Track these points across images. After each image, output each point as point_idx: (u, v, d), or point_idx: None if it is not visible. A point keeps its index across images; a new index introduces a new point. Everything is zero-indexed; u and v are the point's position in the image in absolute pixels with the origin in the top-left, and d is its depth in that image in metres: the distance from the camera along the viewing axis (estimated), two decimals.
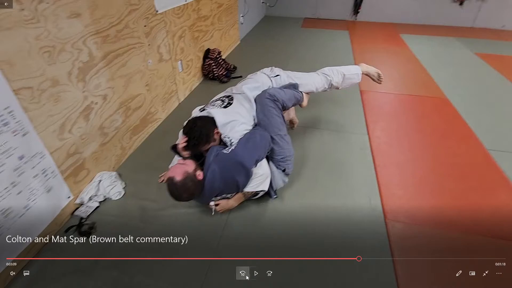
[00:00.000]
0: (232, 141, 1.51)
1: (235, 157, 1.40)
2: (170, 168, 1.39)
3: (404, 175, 1.85)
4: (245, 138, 1.48)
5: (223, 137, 1.56)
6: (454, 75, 3.33)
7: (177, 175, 1.30)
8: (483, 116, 2.50)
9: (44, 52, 1.25)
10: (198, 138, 1.46)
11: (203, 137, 1.47)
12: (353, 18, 5.88)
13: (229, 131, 1.53)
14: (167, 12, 2.25)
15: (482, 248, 1.41)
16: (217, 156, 1.43)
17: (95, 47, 1.54)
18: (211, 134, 1.51)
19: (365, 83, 3.12)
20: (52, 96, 1.32)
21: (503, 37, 4.91)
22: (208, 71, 3.06)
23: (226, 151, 1.43)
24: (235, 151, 1.41)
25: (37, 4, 1.19)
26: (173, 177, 1.30)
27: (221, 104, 1.68)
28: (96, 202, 1.58)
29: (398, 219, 1.55)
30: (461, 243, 1.42)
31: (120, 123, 1.84)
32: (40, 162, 1.27)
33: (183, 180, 1.29)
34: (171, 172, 1.33)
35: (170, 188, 1.32)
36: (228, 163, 1.40)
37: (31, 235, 1.29)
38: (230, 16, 3.81)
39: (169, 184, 1.31)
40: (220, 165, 1.40)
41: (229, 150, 1.43)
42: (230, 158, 1.40)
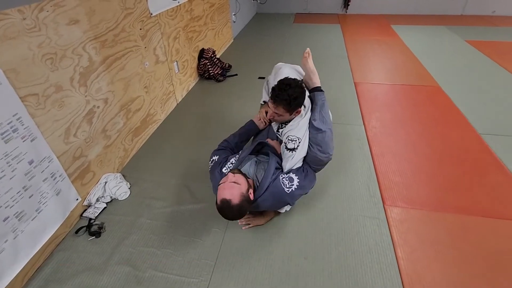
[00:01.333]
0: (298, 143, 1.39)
1: (291, 199, 1.35)
2: (222, 184, 1.25)
3: (401, 163, 1.90)
4: (304, 180, 1.36)
5: (292, 133, 1.41)
6: (446, 63, 3.40)
7: (234, 198, 1.19)
8: (475, 102, 2.57)
9: (47, 59, 1.29)
10: (292, 98, 1.31)
11: (293, 102, 1.33)
12: (344, 12, 5.93)
13: (301, 133, 1.41)
14: (161, 14, 2.28)
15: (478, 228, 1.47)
16: (274, 181, 1.33)
17: (94, 52, 1.58)
18: (297, 107, 1.38)
19: (359, 74, 3.18)
20: (57, 101, 1.35)
21: (494, 22, 4.98)
22: (204, 70, 3.10)
23: (285, 187, 1.32)
24: (294, 194, 1.33)
25: (38, 13, 1.22)
26: (230, 200, 1.19)
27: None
28: (103, 203, 1.63)
29: (396, 204, 1.61)
30: (457, 224, 1.49)
31: (121, 125, 1.88)
32: (48, 166, 1.31)
33: (240, 203, 1.20)
34: (224, 194, 1.20)
35: (225, 211, 1.21)
36: (282, 198, 1.34)
37: (43, 236, 1.33)
38: (222, 15, 3.84)
39: (224, 207, 1.20)
40: (274, 197, 1.32)
41: (289, 189, 1.32)
42: (285, 196, 1.32)
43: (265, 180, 1.31)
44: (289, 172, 1.38)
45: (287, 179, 1.34)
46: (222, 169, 1.41)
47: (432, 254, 1.35)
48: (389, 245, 1.39)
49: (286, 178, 1.34)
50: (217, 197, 1.22)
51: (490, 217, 1.52)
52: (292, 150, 1.38)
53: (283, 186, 1.32)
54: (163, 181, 1.81)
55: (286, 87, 1.31)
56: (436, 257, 1.33)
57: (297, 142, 1.38)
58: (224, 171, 1.40)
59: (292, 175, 1.36)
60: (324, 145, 1.38)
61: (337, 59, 3.59)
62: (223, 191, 1.21)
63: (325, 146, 1.38)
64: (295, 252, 1.37)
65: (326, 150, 1.38)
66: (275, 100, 1.34)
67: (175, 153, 2.07)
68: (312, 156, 1.39)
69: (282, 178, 1.34)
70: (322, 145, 1.37)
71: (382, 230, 1.46)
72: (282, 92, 1.31)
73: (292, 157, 1.38)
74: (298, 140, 1.39)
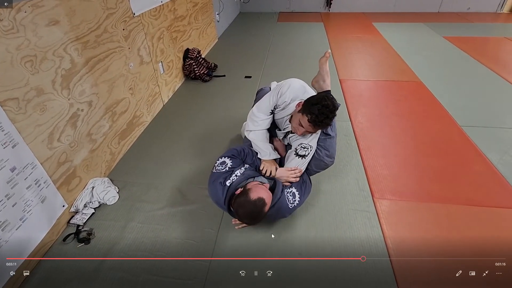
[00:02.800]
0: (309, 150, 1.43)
1: (292, 211, 1.38)
2: (262, 184, 1.29)
3: (388, 156, 1.95)
4: (303, 196, 1.42)
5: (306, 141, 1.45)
6: (426, 59, 3.51)
7: (268, 205, 1.21)
8: (455, 96, 2.67)
9: (26, 61, 1.24)
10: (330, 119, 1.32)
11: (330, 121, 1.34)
12: (327, 10, 6.01)
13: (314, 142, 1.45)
14: (144, 14, 2.24)
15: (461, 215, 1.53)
16: (280, 197, 1.34)
17: (76, 53, 1.53)
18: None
19: (344, 71, 3.24)
20: (38, 105, 1.30)
21: (469, 19, 5.18)
22: (189, 71, 3.07)
23: (289, 202, 1.36)
24: (294, 209, 1.37)
25: (15, 14, 1.17)
26: (266, 204, 1.20)
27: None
28: (92, 208, 1.58)
29: (385, 196, 1.65)
30: (442, 213, 1.54)
31: (107, 128, 1.83)
32: (32, 173, 1.27)
33: (266, 212, 1.23)
34: (264, 195, 1.22)
35: (252, 208, 1.20)
36: (283, 213, 1.38)
37: (29, 246, 1.28)
38: (206, 14, 3.81)
39: (255, 204, 1.19)
40: (277, 212, 1.35)
41: (292, 205, 1.36)
42: (287, 211, 1.36)
43: (274, 197, 1.32)
44: (291, 186, 1.41)
45: (291, 194, 1.38)
46: (226, 181, 1.37)
47: (421, 242, 1.39)
48: (380, 236, 1.43)
49: (290, 193, 1.38)
50: (251, 192, 1.22)
51: (473, 205, 1.59)
52: (303, 157, 1.43)
53: (288, 202, 1.36)
54: (153, 183, 1.78)
55: (332, 113, 1.31)
56: (425, 246, 1.38)
57: (309, 149, 1.43)
58: (227, 183, 1.36)
59: (294, 190, 1.40)
60: (332, 150, 1.45)
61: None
62: (263, 192, 1.22)
63: (332, 150, 1.45)
64: (289, 249, 1.38)
65: (333, 155, 1.45)
66: (318, 125, 1.33)
67: (164, 155, 2.04)
68: (318, 160, 1.44)
69: (287, 193, 1.38)
70: (329, 149, 1.44)
71: (373, 222, 1.50)
72: (329, 118, 1.31)
73: (302, 164, 1.44)
74: (310, 148, 1.44)
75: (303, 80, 1.57)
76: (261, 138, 1.55)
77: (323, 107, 1.29)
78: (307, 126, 1.35)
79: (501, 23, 5.00)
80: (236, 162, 1.45)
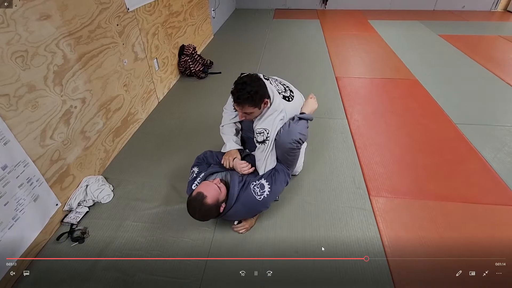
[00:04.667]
0: (267, 134, 1.38)
1: (265, 204, 1.36)
2: (205, 181, 1.30)
3: (383, 154, 1.96)
4: (274, 185, 1.38)
5: (259, 125, 1.41)
6: (422, 57, 3.52)
7: (210, 198, 1.21)
8: (450, 94, 2.68)
9: (17, 57, 1.21)
10: (252, 93, 1.29)
11: (255, 96, 1.31)
12: (323, 7, 6.00)
13: (268, 123, 1.39)
14: (138, 10, 2.20)
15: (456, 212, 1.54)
16: (245, 191, 1.34)
17: (68, 49, 1.50)
18: (262, 99, 1.34)
19: (340, 69, 3.24)
20: (30, 102, 1.27)
21: (463, 17, 5.21)
22: (185, 67, 3.03)
23: (257, 195, 1.33)
24: (267, 200, 1.35)
25: (5, 8, 1.14)
26: (206, 197, 1.21)
27: (283, 91, 1.50)
28: (86, 207, 1.56)
29: (381, 194, 1.65)
30: (438, 210, 1.55)
31: (101, 126, 1.80)
32: (24, 171, 1.24)
33: (211, 205, 1.22)
34: (204, 189, 1.23)
35: (194, 203, 1.22)
36: (255, 207, 1.36)
37: (22, 245, 1.26)
38: (202, 10, 3.77)
39: (196, 199, 1.21)
40: (246, 207, 1.34)
41: (261, 197, 1.34)
42: (257, 205, 1.35)
43: (232, 190, 1.33)
44: (261, 178, 1.40)
45: (258, 186, 1.36)
46: (193, 187, 1.42)
47: (417, 240, 1.40)
48: (376, 233, 1.43)
49: (257, 186, 1.36)
50: (194, 189, 1.25)
51: (468, 202, 1.60)
52: (263, 142, 1.40)
53: (255, 194, 1.34)
54: (148, 181, 1.76)
55: (243, 85, 1.30)
56: (421, 243, 1.38)
57: (265, 133, 1.39)
58: (193, 188, 1.40)
59: (263, 181, 1.38)
60: (293, 131, 1.37)
61: (318, 55, 3.63)
62: (203, 187, 1.25)
63: (293, 131, 1.37)
64: (286, 247, 1.38)
65: (292, 135, 1.36)
66: (238, 102, 1.33)
67: (159, 152, 2.02)
68: (278, 142, 1.39)
69: (254, 186, 1.36)
70: (291, 131, 1.37)
71: (369, 220, 1.50)
72: (241, 92, 1.29)
73: (264, 150, 1.40)
74: (266, 131, 1.39)
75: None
76: (225, 131, 1.62)
77: (237, 83, 1.33)
78: (238, 108, 1.38)
79: (495, 21, 5.03)
80: (202, 167, 1.54)
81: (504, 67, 3.19)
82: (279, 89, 1.49)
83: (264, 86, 1.37)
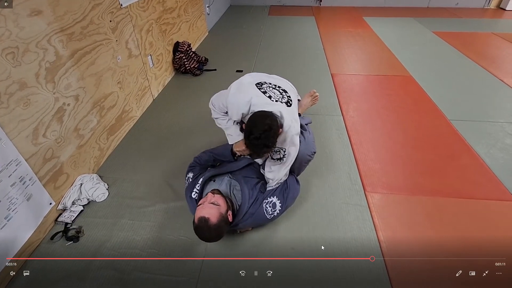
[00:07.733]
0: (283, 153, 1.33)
1: (273, 219, 1.37)
2: (200, 205, 1.21)
3: (379, 150, 1.97)
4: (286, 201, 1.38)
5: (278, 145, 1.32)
6: (416, 53, 3.54)
7: (213, 217, 1.16)
8: (444, 90, 2.70)
9: (8, 53, 1.18)
10: (270, 146, 1.21)
11: (273, 146, 1.23)
12: (318, 4, 5.98)
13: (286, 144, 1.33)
14: (132, 6, 2.17)
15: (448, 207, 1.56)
16: (257, 208, 1.33)
17: (61, 45, 1.47)
18: (276, 137, 1.24)
19: (335, 66, 3.24)
20: (22, 99, 1.25)
21: (457, 14, 5.25)
22: (180, 64, 3.01)
23: (268, 214, 1.33)
24: (275, 217, 1.36)
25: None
26: (208, 218, 1.15)
27: (281, 98, 1.38)
28: (80, 206, 1.54)
29: (376, 190, 1.66)
30: (433, 206, 1.56)
31: (95, 123, 1.78)
32: (16, 170, 1.22)
33: (218, 223, 1.17)
34: (205, 212, 1.17)
35: (202, 231, 1.17)
36: (263, 222, 1.38)
37: (15, 245, 1.24)
38: (196, 7, 3.73)
39: (201, 226, 1.16)
40: (255, 221, 1.35)
41: (272, 216, 1.34)
42: (266, 221, 1.36)
43: (243, 206, 1.32)
44: (273, 195, 1.38)
45: (270, 205, 1.35)
46: (192, 194, 1.38)
47: (413, 236, 1.41)
48: (372, 229, 1.44)
49: (269, 204, 1.35)
50: (195, 216, 1.19)
51: (462, 197, 1.62)
52: (278, 159, 1.37)
53: (266, 213, 1.34)
54: (143, 179, 1.75)
55: (261, 136, 1.17)
56: (417, 239, 1.40)
57: (282, 152, 1.35)
58: (193, 196, 1.37)
59: (275, 199, 1.37)
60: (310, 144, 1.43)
61: (314, 51, 3.62)
62: (202, 210, 1.18)
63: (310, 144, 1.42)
64: (283, 243, 1.38)
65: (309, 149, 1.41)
66: (255, 155, 1.29)
67: (154, 150, 2.00)
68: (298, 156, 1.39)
69: (266, 204, 1.35)
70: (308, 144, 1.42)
71: (365, 216, 1.51)
72: (258, 148, 1.20)
73: (281, 167, 1.38)
74: (282, 150, 1.34)
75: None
76: (227, 124, 1.49)
77: (249, 140, 1.21)
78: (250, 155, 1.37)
79: (488, 18, 5.08)
80: (196, 170, 1.53)
81: (497, 64, 3.22)
82: (277, 98, 1.36)
83: (276, 125, 1.22)
